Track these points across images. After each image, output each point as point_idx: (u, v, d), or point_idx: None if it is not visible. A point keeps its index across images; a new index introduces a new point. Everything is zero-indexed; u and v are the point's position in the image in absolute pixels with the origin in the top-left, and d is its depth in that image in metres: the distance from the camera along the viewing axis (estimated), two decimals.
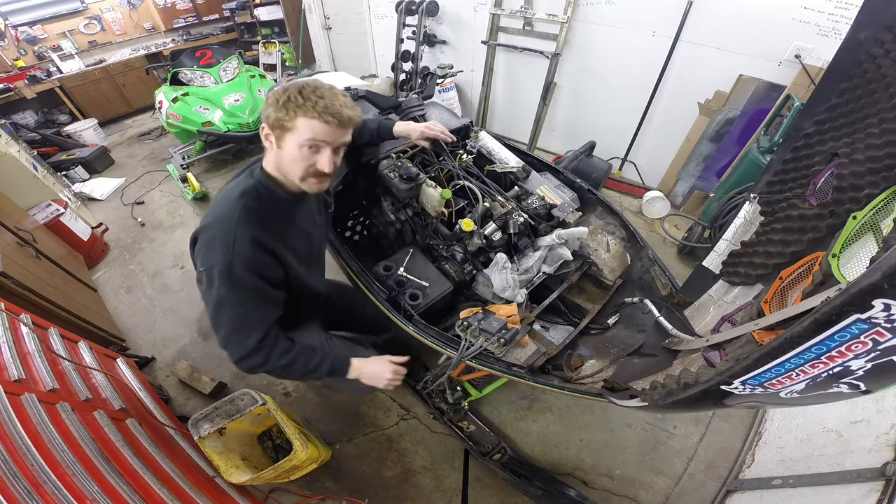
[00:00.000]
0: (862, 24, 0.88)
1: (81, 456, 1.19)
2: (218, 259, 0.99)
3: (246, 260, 1.00)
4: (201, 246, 1.03)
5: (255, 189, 1.06)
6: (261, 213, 1.04)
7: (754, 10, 2.43)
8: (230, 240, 0.99)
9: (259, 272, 1.03)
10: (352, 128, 1.02)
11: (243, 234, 1.00)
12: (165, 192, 3.86)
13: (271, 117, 0.97)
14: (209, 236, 1.02)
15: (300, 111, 0.93)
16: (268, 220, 1.06)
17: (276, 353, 1.09)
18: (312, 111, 0.93)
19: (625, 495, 1.81)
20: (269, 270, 1.07)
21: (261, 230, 1.03)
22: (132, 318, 2.67)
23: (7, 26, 4.61)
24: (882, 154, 0.80)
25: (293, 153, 0.98)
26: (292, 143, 0.97)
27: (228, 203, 1.03)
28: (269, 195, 1.07)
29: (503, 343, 1.28)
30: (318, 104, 0.93)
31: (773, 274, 1.05)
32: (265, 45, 5.75)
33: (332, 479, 1.88)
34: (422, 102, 2.07)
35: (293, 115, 0.94)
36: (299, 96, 0.93)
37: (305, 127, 0.95)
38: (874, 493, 1.18)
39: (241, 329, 1.04)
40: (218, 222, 1.02)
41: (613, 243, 1.75)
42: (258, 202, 1.05)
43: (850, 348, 0.49)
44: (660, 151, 3.29)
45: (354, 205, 2.00)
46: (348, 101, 0.99)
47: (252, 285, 1.02)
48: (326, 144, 0.99)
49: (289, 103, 0.94)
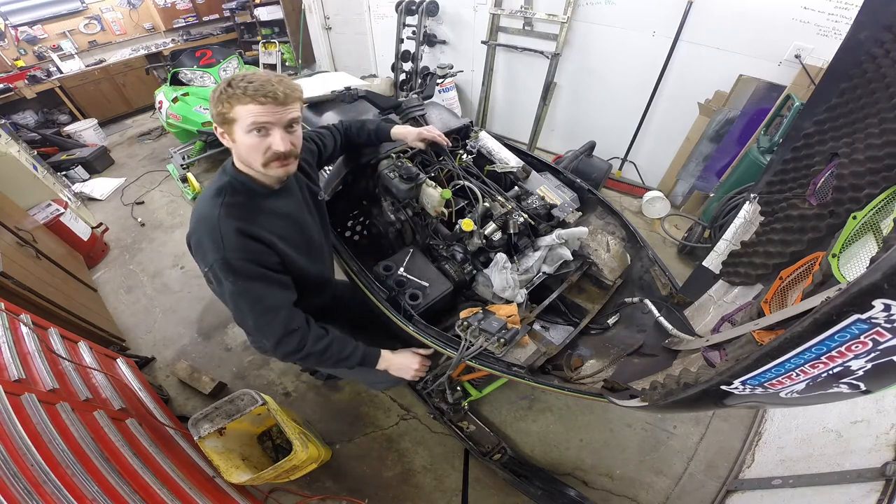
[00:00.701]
0: (862, 24, 0.88)
1: (81, 456, 1.19)
2: (213, 256, 1.02)
3: (237, 250, 1.03)
4: (195, 249, 1.07)
5: (230, 185, 1.08)
6: (239, 206, 1.07)
7: (754, 10, 2.43)
8: (217, 236, 1.02)
9: (254, 259, 1.06)
10: (295, 103, 1.02)
11: (227, 227, 1.02)
12: (165, 192, 3.86)
13: (214, 115, 1.00)
14: (197, 238, 1.05)
15: (234, 100, 0.96)
16: (248, 211, 1.09)
17: (312, 338, 1.14)
18: (244, 96, 0.95)
19: (625, 495, 1.81)
20: (263, 256, 1.09)
21: (242, 221, 1.06)
22: (132, 318, 2.67)
23: (7, 26, 4.62)
24: (882, 154, 0.80)
25: (245, 142, 1.00)
26: (240, 133, 0.99)
27: (207, 203, 1.06)
28: (244, 189, 1.10)
29: (503, 343, 1.28)
30: (247, 89, 0.95)
31: (773, 274, 1.05)
32: (265, 45, 5.75)
33: (332, 479, 1.88)
34: (422, 102, 2.07)
35: (230, 106, 0.97)
36: (229, 87, 0.96)
37: (244, 113, 0.97)
38: (874, 493, 1.18)
39: (264, 313, 1.08)
40: (201, 223, 1.05)
41: (613, 243, 1.75)
42: (234, 196, 1.07)
43: (850, 348, 0.49)
44: (660, 151, 3.29)
45: (354, 205, 2.00)
46: (284, 80, 1.00)
47: (253, 273, 1.06)
48: (272, 125, 1.00)
49: (222, 96, 0.97)
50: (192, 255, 1.11)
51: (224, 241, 1.02)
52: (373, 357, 1.32)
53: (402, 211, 1.75)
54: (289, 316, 1.12)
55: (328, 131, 1.55)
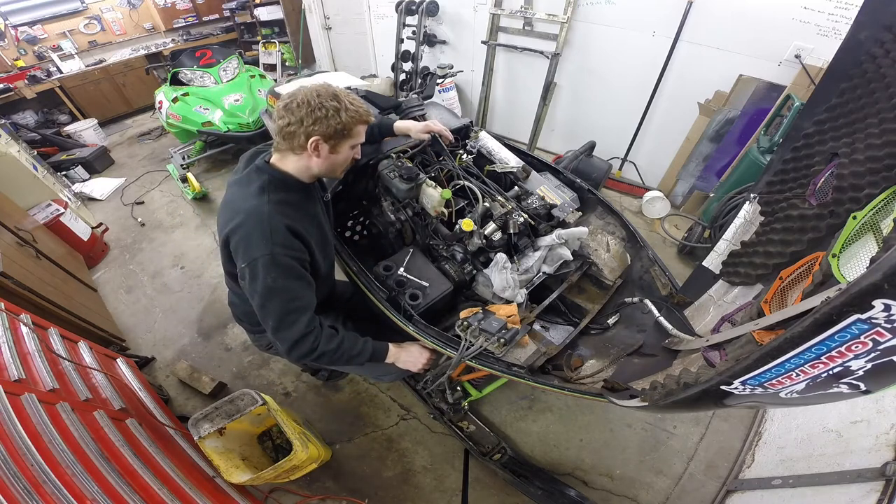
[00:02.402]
0: (862, 24, 0.88)
1: (81, 456, 1.19)
2: (260, 251, 1.04)
3: (285, 247, 1.07)
4: (238, 244, 1.08)
5: (273, 182, 1.12)
6: (285, 203, 1.12)
7: (754, 10, 2.43)
8: (267, 231, 1.05)
9: (297, 257, 1.11)
10: None
11: (277, 223, 1.06)
12: (165, 192, 3.86)
13: (329, 127, 1.05)
14: (244, 233, 1.06)
15: (356, 118, 1.07)
16: (291, 208, 1.14)
17: (325, 338, 1.17)
18: (359, 118, 1.08)
19: (625, 495, 1.81)
20: (302, 254, 1.14)
21: (289, 218, 1.10)
22: (132, 318, 2.67)
23: (7, 26, 4.61)
24: (882, 154, 0.80)
25: (346, 155, 1.13)
26: (347, 147, 1.12)
27: (252, 199, 1.09)
28: (285, 187, 1.14)
29: (503, 343, 1.28)
30: (360, 110, 1.07)
31: (773, 274, 1.05)
32: (265, 45, 5.75)
33: (332, 479, 1.88)
34: (422, 102, 2.07)
35: (353, 124, 1.07)
36: (351, 105, 1.06)
37: (359, 131, 1.11)
38: (874, 493, 1.18)
39: (290, 313, 1.11)
40: (249, 218, 1.07)
41: (613, 243, 1.75)
42: (279, 194, 1.12)
43: (850, 348, 0.49)
44: (660, 151, 3.29)
45: (354, 205, 2.00)
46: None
47: (296, 271, 1.11)
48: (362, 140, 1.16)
49: (339, 113, 1.04)
50: (230, 250, 1.12)
51: (273, 235, 1.05)
52: (381, 352, 1.35)
53: (402, 211, 1.75)
54: (311, 317, 1.15)
55: None
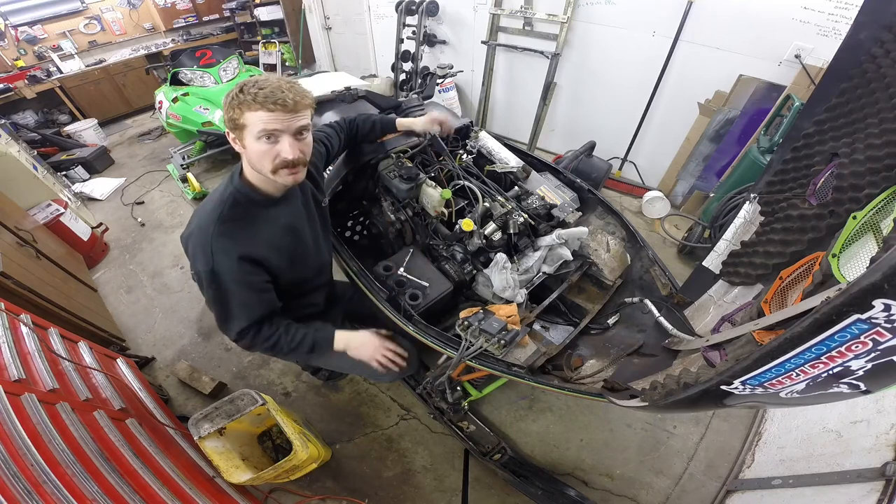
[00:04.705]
0: (862, 24, 0.88)
1: (81, 456, 1.19)
2: (201, 266, 1.07)
3: (224, 269, 1.07)
4: (189, 251, 1.11)
5: (232, 197, 1.10)
6: (235, 223, 1.10)
7: (754, 10, 2.43)
8: (208, 251, 1.06)
9: (239, 280, 1.10)
10: (304, 110, 1.02)
11: (218, 246, 1.06)
12: (165, 192, 3.86)
13: (226, 119, 1.02)
14: (192, 244, 1.09)
15: (244, 106, 0.97)
16: (243, 228, 1.11)
17: (260, 339, 1.19)
18: (254, 103, 0.95)
19: (625, 495, 1.81)
20: (251, 276, 1.13)
21: (235, 241, 1.09)
22: (132, 318, 2.67)
23: (7, 26, 4.61)
24: (882, 154, 0.80)
25: (255, 148, 1.01)
26: (250, 139, 1.00)
27: (205, 214, 1.09)
28: (245, 201, 1.11)
29: (503, 344, 1.28)
30: (257, 95, 0.95)
31: (773, 274, 1.05)
32: (265, 45, 5.75)
33: (332, 479, 1.88)
34: (422, 102, 2.07)
35: (241, 112, 0.98)
36: (240, 93, 0.97)
37: (253, 119, 0.97)
38: (874, 493, 1.18)
39: (226, 321, 1.15)
40: (197, 233, 1.09)
41: (613, 243, 1.75)
42: (233, 211, 1.09)
43: (850, 348, 0.49)
44: (660, 151, 3.29)
45: (354, 205, 2.00)
46: (295, 87, 1.01)
47: (231, 290, 1.11)
48: (281, 132, 1.00)
49: (234, 101, 0.97)
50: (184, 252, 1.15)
51: (214, 256, 1.06)
52: (324, 339, 1.29)
53: (402, 211, 1.75)
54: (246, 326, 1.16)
55: (332, 130, 1.54)
